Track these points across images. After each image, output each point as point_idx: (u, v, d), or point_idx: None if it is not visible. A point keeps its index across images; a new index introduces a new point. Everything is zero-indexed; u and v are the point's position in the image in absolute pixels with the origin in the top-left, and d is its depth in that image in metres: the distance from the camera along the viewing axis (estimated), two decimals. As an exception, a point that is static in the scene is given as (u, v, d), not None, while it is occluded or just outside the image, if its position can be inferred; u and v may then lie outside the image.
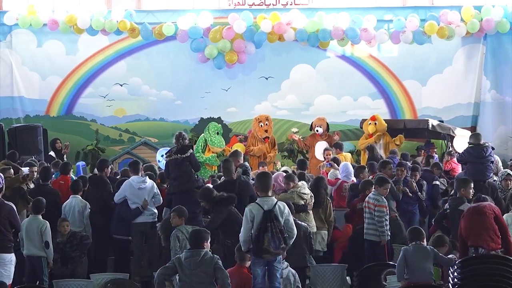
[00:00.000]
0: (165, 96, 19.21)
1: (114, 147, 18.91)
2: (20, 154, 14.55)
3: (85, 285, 9.20)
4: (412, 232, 8.13)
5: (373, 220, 9.76)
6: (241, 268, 7.58)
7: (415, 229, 8.27)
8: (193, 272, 7.26)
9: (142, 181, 10.56)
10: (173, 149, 10.76)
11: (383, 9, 18.81)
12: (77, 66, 18.99)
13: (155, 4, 19.17)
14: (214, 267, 7.26)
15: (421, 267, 7.77)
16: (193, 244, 7.46)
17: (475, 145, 11.68)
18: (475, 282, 7.72)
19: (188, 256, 7.33)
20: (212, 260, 7.30)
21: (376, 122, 16.41)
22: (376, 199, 9.84)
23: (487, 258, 8.05)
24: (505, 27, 18.03)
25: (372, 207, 9.82)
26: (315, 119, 16.78)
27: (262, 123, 16.34)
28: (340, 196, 11.58)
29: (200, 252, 7.34)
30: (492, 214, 8.34)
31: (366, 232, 9.84)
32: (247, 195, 9.68)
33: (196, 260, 7.28)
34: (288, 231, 7.70)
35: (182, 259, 7.35)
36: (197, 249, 7.37)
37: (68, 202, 10.69)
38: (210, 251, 7.55)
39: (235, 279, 7.53)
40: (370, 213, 9.85)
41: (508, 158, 16.25)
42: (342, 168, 11.94)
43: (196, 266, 7.27)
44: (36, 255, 9.41)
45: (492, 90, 18.72)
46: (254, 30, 17.84)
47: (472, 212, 8.46)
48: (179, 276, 7.42)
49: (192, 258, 7.29)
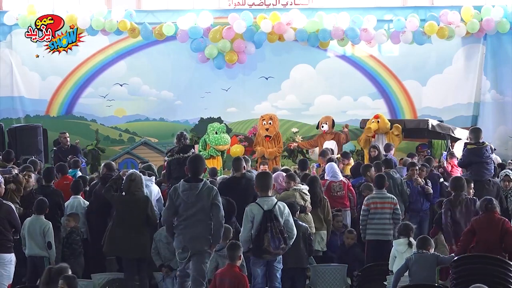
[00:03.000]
0: (165, 96, 19.21)
1: (114, 147, 18.91)
2: (20, 154, 14.58)
3: (85, 285, 9.20)
4: (419, 241, 8.09)
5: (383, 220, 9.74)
6: (233, 267, 7.57)
7: (422, 238, 8.18)
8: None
9: (149, 179, 10.50)
10: (174, 149, 10.76)
11: (383, 9, 18.82)
12: (77, 66, 19.00)
13: (155, 4, 19.17)
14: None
15: (423, 275, 7.75)
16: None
17: (476, 146, 11.64)
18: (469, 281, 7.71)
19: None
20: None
21: (379, 120, 16.41)
22: (392, 198, 9.95)
23: (481, 258, 8.05)
24: (505, 27, 18.03)
25: (388, 206, 9.88)
26: (322, 118, 16.83)
27: (265, 121, 16.47)
28: (330, 196, 11.54)
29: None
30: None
31: (372, 232, 9.84)
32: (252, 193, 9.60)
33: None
34: (288, 231, 7.71)
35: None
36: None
37: (69, 202, 10.65)
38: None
39: (228, 278, 7.51)
40: (376, 213, 9.87)
41: (508, 158, 16.23)
42: (327, 169, 11.87)
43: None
44: (39, 255, 9.39)
45: (492, 90, 18.72)
46: (254, 30, 17.84)
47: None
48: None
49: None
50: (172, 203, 7.70)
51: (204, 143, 15.75)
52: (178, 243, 7.65)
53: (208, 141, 15.67)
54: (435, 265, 7.88)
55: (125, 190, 9.25)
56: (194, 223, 7.58)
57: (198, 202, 7.57)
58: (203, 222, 7.59)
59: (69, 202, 10.68)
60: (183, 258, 7.62)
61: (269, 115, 16.77)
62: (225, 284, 7.43)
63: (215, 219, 7.58)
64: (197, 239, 7.57)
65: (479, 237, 8.27)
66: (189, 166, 7.77)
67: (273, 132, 16.44)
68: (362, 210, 10.05)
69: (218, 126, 16.07)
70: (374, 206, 9.95)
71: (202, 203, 7.58)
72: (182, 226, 7.62)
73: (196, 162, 7.84)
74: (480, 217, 8.43)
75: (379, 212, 9.91)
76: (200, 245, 7.57)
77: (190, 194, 7.57)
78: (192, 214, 7.58)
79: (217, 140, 15.64)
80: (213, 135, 15.68)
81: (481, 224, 8.32)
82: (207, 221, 7.60)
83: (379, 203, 9.97)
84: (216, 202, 7.61)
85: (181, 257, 7.64)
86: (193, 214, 7.58)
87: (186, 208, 7.60)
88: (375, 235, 9.82)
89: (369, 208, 9.95)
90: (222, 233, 7.75)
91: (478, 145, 11.58)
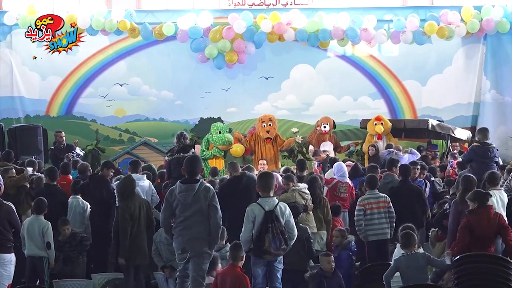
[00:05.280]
0: (165, 96, 19.22)
1: (114, 147, 18.91)
2: (20, 154, 14.58)
3: (85, 285, 9.21)
4: (403, 238, 7.94)
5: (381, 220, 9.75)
6: (235, 267, 7.57)
7: (405, 234, 8.00)
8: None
9: (140, 179, 10.54)
10: (174, 149, 10.75)
11: (383, 9, 18.82)
12: (77, 66, 19.00)
13: (155, 4, 19.17)
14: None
15: (415, 276, 7.71)
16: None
17: (482, 144, 11.65)
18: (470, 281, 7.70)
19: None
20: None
21: (382, 122, 16.45)
22: (385, 197, 9.94)
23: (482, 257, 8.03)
24: (505, 27, 18.04)
25: (383, 205, 9.86)
26: (321, 118, 16.84)
27: (265, 123, 16.34)
28: (333, 195, 11.53)
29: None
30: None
31: (373, 233, 9.84)
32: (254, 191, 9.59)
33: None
34: (289, 232, 7.69)
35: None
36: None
37: (69, 202, 10.67)
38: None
39: (229, 278, 7.52)
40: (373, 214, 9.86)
41: (508, 158, 16.28)
42: (336, 168, 11.83)
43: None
44: (38, 255, 9.39)
45: (492, 90, 18.73)
46: (254, 30, 17.84)
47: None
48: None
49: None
50: (169, 205, 7.68)
51: (207, 142, 15.74)
52: (177, 244, 7.65)
53: (211, 140, 15.66)
54: (426, 265, 7.84)
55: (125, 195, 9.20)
56: (192, 224, 7.57)
57: (195, 203, 7.56)
58: (201, 223, 7.58)
59: (68, 201, 10.68)
60: (182, 259, 7.62)
61: (268, 116, 16.59)
62: (227, 284, 7.43)
63: (213, 220, 7.57)
64: (196, 240, 7.56)
65: (477, 233, 8.20)
66: (185, 167, 7.75)
67: (273, 133, 16.38)
68: (357, 210, 9.96)
69: (221, 125, 16.11)
70: (370, 206, 9.91)
71: (199, 204, 7.56)
72: (180, 228, 7.61)
73: (193, 162, 7.82)
74: (477, 212, 8.31)
75: (376, 212, 9.89)
76: (199, 246, 7.56)
77: (187, 196, 7.56)
78: (190, 216, 7.57)
79: (221, 139, 15.64)
80: (217, 134, 15.68)
81: (479, 221, 8.23)
82: (205, 222, 7.58)
83: (374, 203, 9.95)
84: (214, 203, 7.59)
85: (181, 258, 7.64)
86: (190, 216, 7.57)
87: (183, 209, 7.58)
88: (377, 235, 9.79)
89: (364, 208, 9.91)
90: (220, 233, 7.75)
91: (483, 145, 11.61)
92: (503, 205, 9.67)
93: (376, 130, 16.34)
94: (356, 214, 9.98)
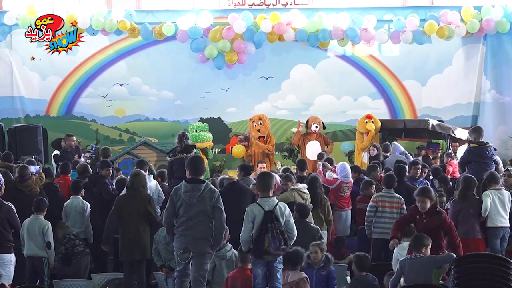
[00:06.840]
0: (165, 96, 19.23)
1: (114, 147, 18.82)
2: (20, 154, 14.58)
3: (85, 285, 9.20)
4: (414, 241, 7.79)
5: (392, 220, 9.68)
6: (244, 270, 7.61)
7: (417, 238, 7.82)
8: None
9: (148, 176, 10.48)
10: (177, 149, 10.75)
11: (383, 9, 18.82)
12: (77, 66, 19.02)
13: (155, 4, 19.18)
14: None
15: (419, 279, 7.67)
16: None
17: (478, 145, 11.64)
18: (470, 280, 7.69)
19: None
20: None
21: (372, 120, 16.47)
22: (399, 198, 9.93)
23: (482, 257, 8.04)
24: (505, 27, 18.03)
25: (396, 205, 9.87)
26: (310, 117, 16.86)
27: (256, 123, 16.65)
28: (337, 196, 11.54)
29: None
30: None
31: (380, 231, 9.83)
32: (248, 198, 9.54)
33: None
34: (289, 232, 7.68)
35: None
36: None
37: (68, 202, 10.67)
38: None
39: (239, 281, 7.57)
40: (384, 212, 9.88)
41: (508, 158, 16.25)
42: (340, 168, 11.85)
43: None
44: (38, 255, 9.38)
45: (492, 90, 18.72)
46: (254, 30, 17.85)
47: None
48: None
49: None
50: (173, 204, 7.70)
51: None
52: (179, 244, 7.65)
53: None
54: (433, 268, 7.80)
55: (129, 186, 9.24)
56: (195, 224, 7.58)
57: (199, 203, 7.58)
58: (204, 224, 7.61)
59: (68, 202, 10.69)
60: (185, 259, 7.61)
61: (257, 115, 16.98)
62: (237, 287, 7.44)
63: (217, 222, 7.60)
64: (198, 240, 7.58)
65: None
66: (189, 167, 7.78)
67: (265, 132, 16.51)
68: (369, 206, 10.00)
69: (198, 125, 16.58)
70: (382, 204, 9.95)
71: (203, 205, 7.59)
72: (183, 227, 7.63)
73: (196, 162, 7.84)
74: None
75: (388, 211, 9.92)
76: (202, 246, 7.59)
77: (192, 196, 7.59)
78: (193, 216, 7.59)
79: (196, 138, 15.89)
80: (193, 133, 15.92)
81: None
82: (208, 223, 7.61)
83: (387, 202, 9.98)
84: (218, 205, 7.64)
85: (183, 258, 7.63)
86: (194, 216, 7.59)
87: (187, 209, 7.60)
88: (383, 234, 9.74)
89: (377, 205, 9.93)
90: (223, 235, 7.77)
91: (480, 145, 11.59)
92: (502, 205, 9.69)
93: (368, 128, 16.32)
94: (368, 210, 10.01)
